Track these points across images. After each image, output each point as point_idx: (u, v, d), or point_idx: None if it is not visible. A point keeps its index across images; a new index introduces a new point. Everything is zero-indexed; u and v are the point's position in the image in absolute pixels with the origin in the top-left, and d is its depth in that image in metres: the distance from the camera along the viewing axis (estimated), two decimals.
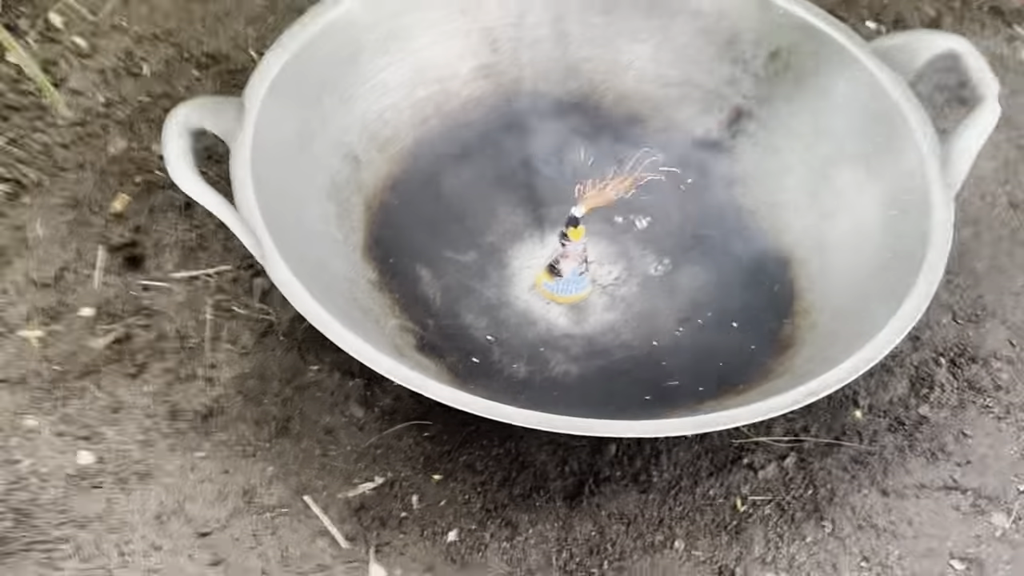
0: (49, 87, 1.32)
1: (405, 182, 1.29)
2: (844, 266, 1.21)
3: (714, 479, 1.12)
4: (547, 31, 1.35)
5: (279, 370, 1.18)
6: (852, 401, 1.18)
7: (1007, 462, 1.15)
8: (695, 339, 1.22)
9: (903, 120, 1.22)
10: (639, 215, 1.31)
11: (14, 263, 1.24)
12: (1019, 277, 1.29)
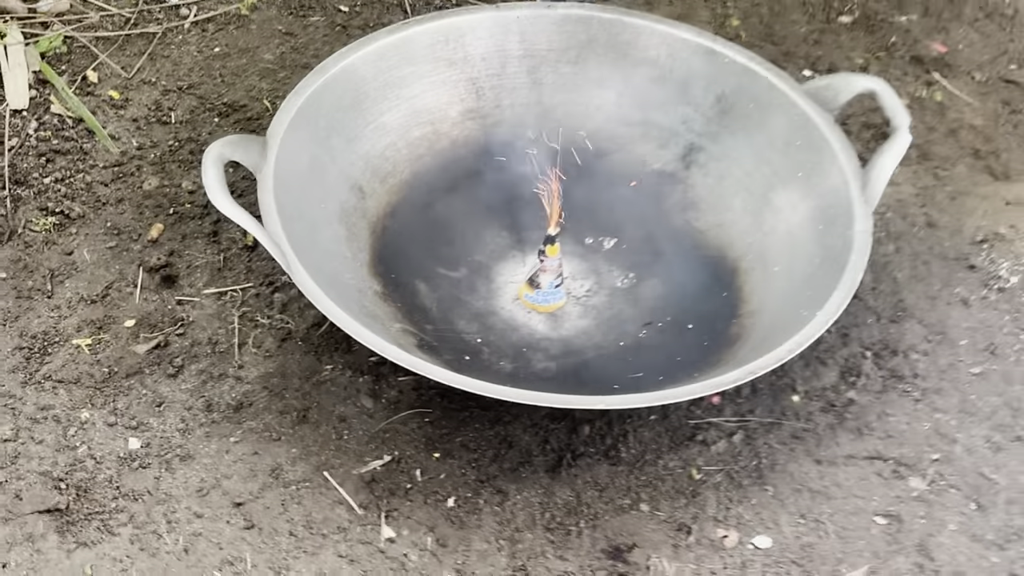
0: (99, 127, 1.52)
1: (404, 209, 1.49)
2: (782, 273, 1.41)
3: (673, 453, 1.31)
4: (524, 80, 1.56)
5: (298, 369, 1.37)
6: (791, 388, 1.38)
7: (922, 436, 1.34)
8: (656, 339, 1.42)
9: (829, 148, 1.43)
10: (607, 237, 1.52)
11: (65, 283, 1.43)
12: (935, 284, 1.50)
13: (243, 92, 1.66)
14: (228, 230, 1.49)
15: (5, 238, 1.46)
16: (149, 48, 1.70)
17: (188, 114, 1.63)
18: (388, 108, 1.50)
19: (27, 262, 1.44)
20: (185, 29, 1.74)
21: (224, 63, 1.70)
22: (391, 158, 1.51)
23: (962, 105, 1.72)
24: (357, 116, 1.47)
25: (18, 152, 1.55)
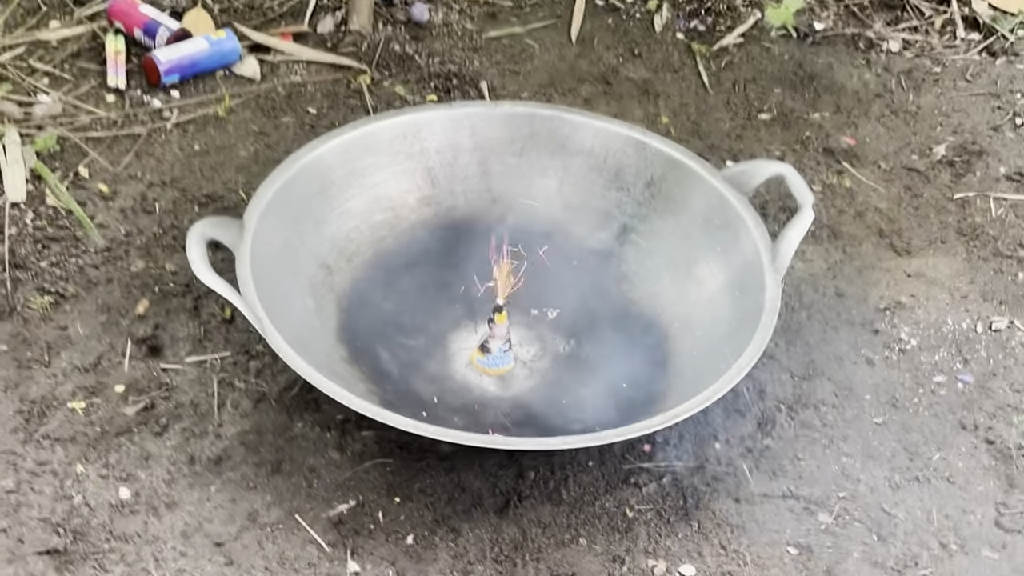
0: (87, 220, 1.69)
1: (367, 284, 1.66)
2: (704, 335, 1.59)
3: (609, 495, 1.47)
4: (475, 169, 1.75)
5: (272, 427, 1.52)
6: (713, 437, 1.54)
7: (829, 477, 1.51)
8: (594, 396, 1.58)
9: (744, 225, 1.62)
10: (550, 308, 1.69)
11: (61, 354, 1.58)
12: (843, 346, 1.68)
13: (221, 185, 1.84)
14: (208, 305, 1.66)
15: (5, 315, 1.62)
16: (135, 147, 1.88)
17: (171, 205, 1.80)
18: (353, 195, 1.68)
19: (26, 336, 1.60)
20: (168, 130, 1.92)
21: (203, 159, 1.88)
22: (355, 239, 1.68)
23: (869, 190, 1.92)
24: (324, 202, 1.65)
25: (16, 239, 1.71)
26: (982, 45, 2.25)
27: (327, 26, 2.14)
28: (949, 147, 2.01)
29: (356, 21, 2.10)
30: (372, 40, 2.10)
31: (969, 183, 1.96)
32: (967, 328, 1.72)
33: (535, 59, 2.13)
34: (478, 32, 2.18)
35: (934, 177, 1.96)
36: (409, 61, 2.09)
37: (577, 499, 1.47)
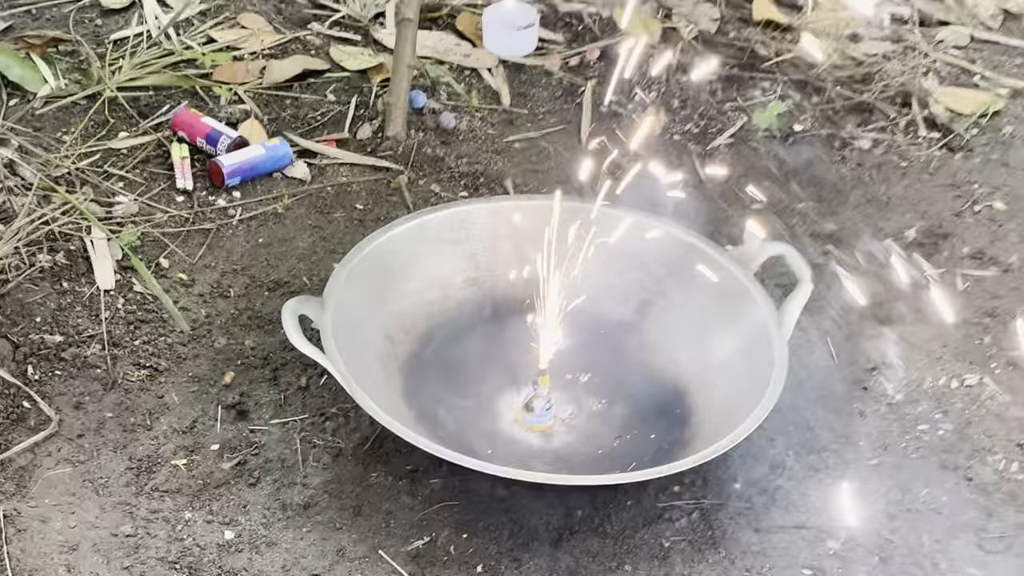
0: (174, 308, 1.93)
1: (424, 354, 1.91)
2: (720, 392, 1.84)
3: (647, 528, 1.71)
4: (511, 254, 2.00)
5: (350, 477, 1.75)
6: (733, 479, 1.78)
7: (835, 510, 1.75)
8: (626, 446, 1.83)
9: (751, 298, 1.88)
10: (583, 372, 1.94)
11: (160, 419, 1.81)
12: (837, 401, 1.93)
13: (285, 271, 2.09)
14: (285, 375, 1.89)
15: (109, 387, 1.84)
16: (207, 240, 2.13)
17: (243, 290, 2.04)
18: (409, 277, 1.94)
19: (128, 404, 1.83)
20: (234, 225, 2.17)
21: (268, 250, 2.13)
22: (412, 315, 1.93)
23: (851, 268, 2.19)
24: (386, 283, 1.91)
25: (111, 322, 1.94)
26: (942, 142, 2.54)
27: (366, 132, 2.40)
28: (918, 231, 2.29)
29: (392, 128, 2.37)
30: (407, 145, 2.37)
31: (937, 262, 2.23)
32: (943, 384, 1.98)
33: (551, 159, 2.40)
34: (499, 137, 2.45)
35: (906, 255, 2.23)
36: (440, 163, 2.35)
37: (620, 532, 1.70)
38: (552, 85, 2.61)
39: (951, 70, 2.77)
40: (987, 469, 1.84)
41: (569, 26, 2.77)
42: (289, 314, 1.71)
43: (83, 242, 2.07)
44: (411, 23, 2.35)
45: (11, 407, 1.80)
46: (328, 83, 2.54)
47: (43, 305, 1.96)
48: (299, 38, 2.67)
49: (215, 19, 2.69)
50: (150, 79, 2.45)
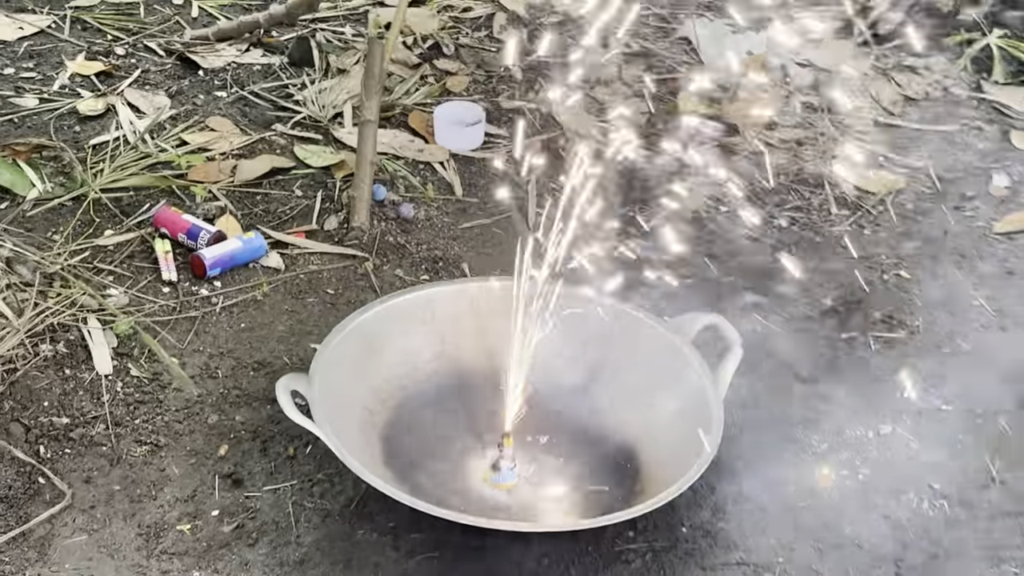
0: (184, 377, 2.13)
1: (398, 422, 2.12)
2: (665, 448, 2.07)
3: (606, 570, 1.92)
4: (473, 330, 2.23)
5: (339, 535, 1.95)
6: (680, 523, 2.01)
7: (770, 548, 1.98)
8: (583, 499, 2.05)
9: (688, 363, 2.12)
10: (542, 435, 2.16)
11: (164, 489, 2.00)
12: (769, 452, 2.16)
13: (267, 353, 2.30)
14: (274, 446, 2.09)
15: (115, 462, 2.03)
16: (194, 327, 2.33)
17: (230, 371, 2.25)
18: (382, 353, 2.15)
19: (133, 477, 2.02)
20: (217, 312, 2.38)
21: (250, 334, 2.34)
22: (387, 387, 2.15)
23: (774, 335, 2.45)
24: (363, 359, 2.12)
25: (112, 404, 2.14)
26: (851, 219, 2.83)
27: (332, 224, 2.63)
28: (834, 299, 2.56)
29: (357, 219, 2.60)
30: (371, 234, 2.60)
31: (852, 326, 2.49)
32: (862, 435, 2.23)
33: (503, 243, 2.64)
34: (454, 224, 2.69)
35: (826, 322, 2.50)
36: (402, 249, 2.59)
37: (582, 573, 1.92)
38: (499, 176, 2.86)
39: (858, 153, 3.06)
40: (902, 507, 2.08)
41: (513, 122, 3.03)
42: (282, 390, 1.92)
43: (80, 332, 2.26)
44: (372, 124, 2.60)
45: (27, 484, 1.98)
46: (295, 179, 2.77)
47: (49, 390, 2.15)
48: (264, 138, 2.90)
49: (185, 123, 2.91)
50: (130, 180, 2.67)
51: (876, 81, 3.39)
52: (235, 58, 3.19)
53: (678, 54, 3.41)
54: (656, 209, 2.77)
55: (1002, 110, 3.35)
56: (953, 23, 3.65)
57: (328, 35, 3.36)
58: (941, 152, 3.13)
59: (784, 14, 3.45)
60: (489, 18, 3.53)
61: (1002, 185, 3.01)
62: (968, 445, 2.21)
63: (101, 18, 3.37)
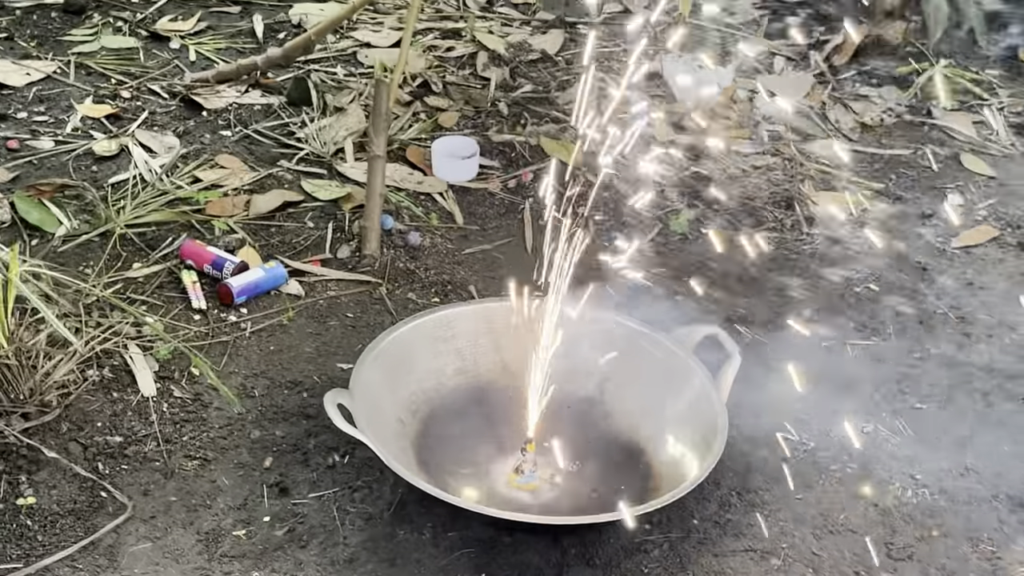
0: (231, 395, 2.30)
1: (428, 432, 2.30)
2: (673, 450, 2.27)
3: (628, 559, 2.12)
4: (490, 346, 2.42)
5: (382, 535, 2.13)
6: (691, 515, 2.21)
7: (774, 535, 2.18)
8: (601, 497, 2.24)
9: (692, 371, 2.32)
10: (560, 440, 2.35)
11: (217, 499, 2.17)
12: (764, 450, 2.37)
13: (298, 372, 2.47)
14: (314, 457, 2.27)
15: (169, 476, 2.20)
16: (227, 351, 2.50)
17: (265, 390, 2.42)
18: (410, 370, 2.34)
19: (187, 489, 2.18)
20: (247, 337, 2.55)
21: (280, 356, 2.51)
22: (415, 401, 2.33)
23: (761, 345, 2.66)
24: (392, 376, 2.30)
25: (160, 423, 2.30)
26: (822, 237, 3.05)
27: (344, 252, 2.81)
28: (812, 310, 2.78)
29: (368, 248, 2.78)
30: (381, 261, 2.78)
31: (829, 334, 2.71)
32: (847, 433, 2.44)
33: (504, 267, 2.84)
34: (458, 250, 2.89)
35: (807, 332, 2.71)
36: (412, 274, 2.78)
37: (606, 563, 2.11)
38: (496, 204, 3.06)
39: (823, 176, 3.30)
40: (888, 496, 2.30)
41: (504, 153, 3.24)
42: (330, 403, 2.09)
43: (123, 358, 2.42)
44: (380, 159, 2.79)
45: (91, 498, 2.14)
46: (305, 212, 2.96)
47: (101, 412, 2.30)
48: (272, 174, 3.08)
49: (196, 161, 3.08)
50: (152, 216, 2.83)
51: (835, 109, 3.63)
52: (236, 99, 3.36)
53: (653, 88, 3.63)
54: (643, 232, 2.97)
55: (951, 134, 3.61)
56: (903, 54, 3.91)
57: (322, 75, 3.54)
58: (898, 174, 3.37)
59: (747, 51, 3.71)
60: (472, 56, 3.74)
61: (956, 203, 3.26)
62: (943, 439, 2.43)
63: (103, 63, 3.53)
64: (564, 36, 3.90)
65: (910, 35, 3.89)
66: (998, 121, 3.63)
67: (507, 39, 3.83)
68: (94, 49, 3.60)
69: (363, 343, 2.42)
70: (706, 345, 2.42)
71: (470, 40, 3.78)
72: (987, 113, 3.67)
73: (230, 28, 3.85)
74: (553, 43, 3.83)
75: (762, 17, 4.10)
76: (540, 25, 3.96)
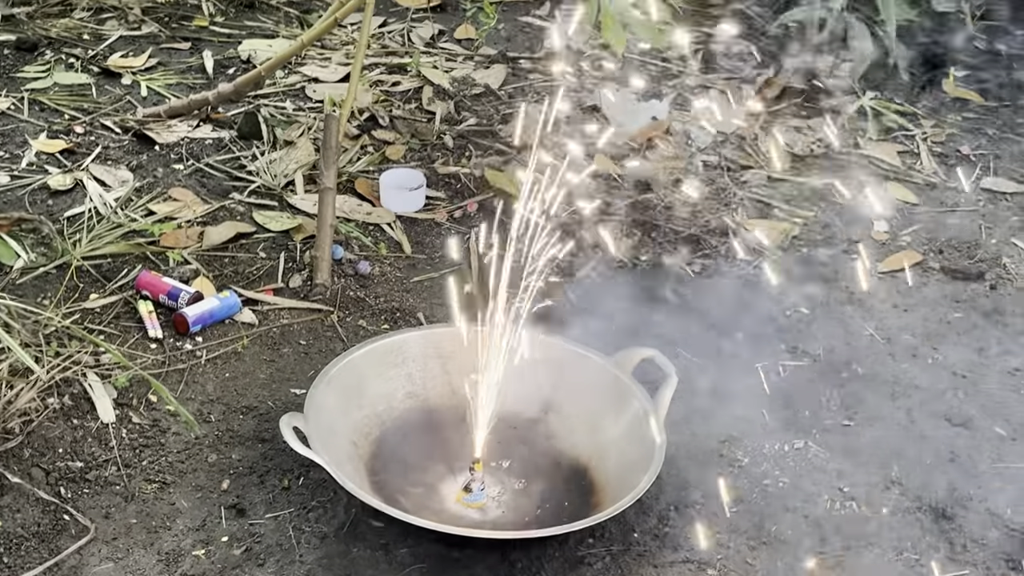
0: (192, 419, 2.38)
1: (379, 454, 2.40)
2: (614, 467, 2.38)
3: (573, 571, 2.22)
4: (439, 371, 2.53)
5: (336, 553, 2.22)
6: (632, 529, 2.32)
7: (711, 547, 2.30)
8: (546, 513, 2.35)
9: (631, 392, 2.44)
10: (505, 460, 2.46)
11: (176, 520, 2.25)
12: (699, 467, 2.49)
13: (252, 398, 2.56)
14: (270, 479, 2.36)
15: (129, 499, 2.28)
16: (183, 378, 2.59)
17: (221, 415, 2.51)
18: (362, 394, 2.44)
19: (148, 511, 2.26)
20: (203, 364, 2.64)
21: (235, 382, 2.60)
22: (368, 424, 2.43)
23: (696, 366, 2.79)
24: (346, 400, 2.40)
25: (119, 448, 2.38)
26: (755, 263, 3.20)
27: (296, 282, 2.91)
28: (745, 332, 2.91)
29: (319, 277, 2.88)
30: (332, 290, 2.88)
31: (762, 355, 2.84)
32: (778, 449, 2.57)
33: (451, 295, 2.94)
34: (406, 278, 2.99)
35: (740, 354, 2.84)
36: (363, 302, 2.88)
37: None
38: (442, 234, 3.17)
39: (755, 205, 3.45)
40: (818, 508, 2.43)
41: (450, 185, 3.35)
42: (286, 426, 2.19)
43: (82, 386, 2.50)
44: (331, 191, 2.89)
45: (54, 521, 2.21)
46: (257, 242, 3.05)
47: (62, 439, 2.38)
48: (224, 206, 3.17)
49: (149, 194, 3.17)
50: (108, 248, 2.91)
51: (766, 140, 3.79)
52: (187, 133, 3.45)
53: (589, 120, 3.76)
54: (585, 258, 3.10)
55: (877, 163, 3.77)
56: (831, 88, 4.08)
57: (272, 110, 3.64)
58: (827, 202, 3.53)
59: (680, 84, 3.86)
60: (417, 91, 3.86)
61: (882, 230, 3.42)
62: (870, 454, 2.57)
63: (56, 99, 3.61)
64: (507, 71, 4.02)
65: (836, 68, 4.06)
66: (922, 150, 3.79)
67: (451, 74, 3.95)
68: (47, 85, 3.67)
69: (316, 369, 2.51)
70: (644, 367, 2.54)
71: (415, 75, 3.89)
72: (912, 143, 3.84)
73: (180, 64, 3.94)
74: (496, 77, 3.95)
75: (696, 52, 4.26)
76: (483, 60, 4.08)
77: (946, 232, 3.42)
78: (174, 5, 4.33)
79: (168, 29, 4.15)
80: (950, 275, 3.22)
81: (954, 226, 3.44)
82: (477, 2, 4.20)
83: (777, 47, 4.06)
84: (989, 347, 2.95)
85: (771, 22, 4.04)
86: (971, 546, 2.34)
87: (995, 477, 2.53)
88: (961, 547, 2.34)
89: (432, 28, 4.30)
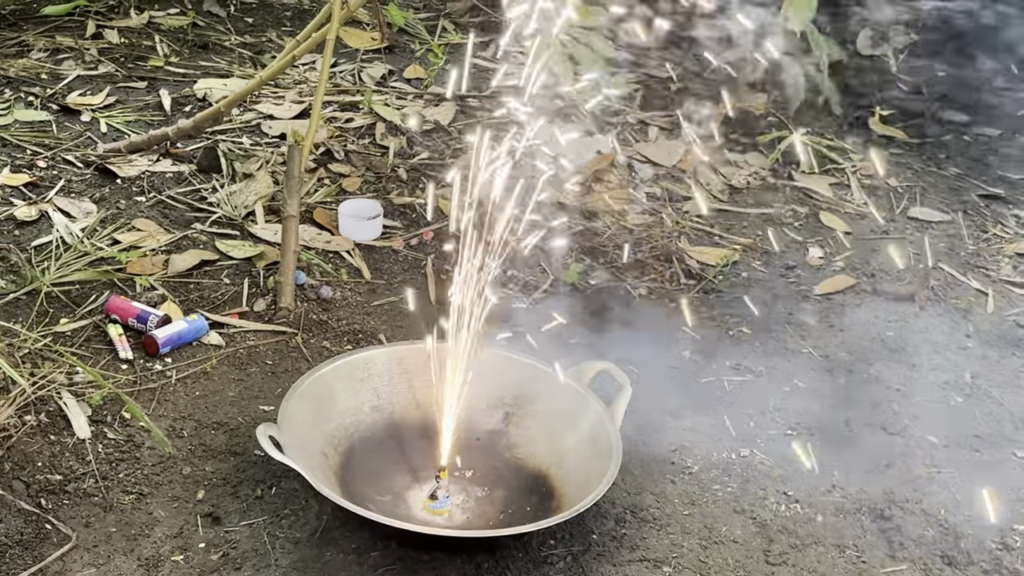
0: (164, 438, 2.47)
1: (349, 463, 2.51)
2: (572, 473, 2.51)
3: (536, 571, 2.34)
4: (404, 386, 2.65)
5: (310, 557, 2.31)
6: (591, 531, 2.45)
7: (665, 547, 2.43)
8: (509, 518, 2.47)
9: (588, 402, 2.57)
10: (468, 469, 2.58)
11: (155, 529, 2.34)
12: (654, 473, 2.62)
13: (223, 415, 2.66)
14: (243, 489, 2.45)
15: (108, 509, 2.36)
16: (155, 397, 2.68)
17: (193, 431, 2.60)
18: (331, 407, 2.55)
19: (126, 520, 2.35)
20: (173, 384, 2.73)
21: (205, 400, 2.70)
22: (337, 435, 2.53)
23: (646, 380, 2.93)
24: (316, 413, 2.51)
25: (97, 462, 2.47)
26: (698, 287, 3.35)
27: (261, 306, 3.01)
28: (692, 351, 3.06)
29: (283, 301, 2.99)
30: (296, 313, 2.99)
31: (708, 372, 2.99)
32: (726, 457, 2.71)
33: (410, 316, 3.07)
34: (367, 302, 3.11)
35: (686, 370, 2.99)
36: (325, 325, 2.99)
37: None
38: (400, 260, 3.30)
39: (697, 233, 3.61)
40: (766, 511, 2.57)
41: (405, 214, 3.48)
42: (262, 435, 2.29)
43: (58, 404, 2.58)
44: (294, 219, 3.01)
45: (36, 530, 2.29)
46: (221, 269, 3.15)
47: (40, 453, 2.46)
48: (187, 236, 3.27)
49: (114, 225, 3.26)
50: (76, 275, 3.00)
51: (705, 173, 3.96)
52: (148, 167, 3.55)
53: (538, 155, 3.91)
54: (538, 282, 3.24)
55: (810, 195, 3.97)
56: (765, 124, 4.28)
57: (230, 144, 3.76)
58: (764, 230, 3.70)
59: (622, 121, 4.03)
60: (371, 127, 3.99)
61: (817, 256, 3.60)
62: (811, 461, 2.71)
63: (18, 135, 3.70)
64: (455, 108, 4.17)
65: (771, 106, 4.26)
66: (852, 182, 3.99)
67: (403, 111, 4.09)
68: (8, 122, 3.76)
69: (283, 387, 2.62)
70: (600, 379, 2.67)
71: (368, 112, 4.03)
72: (842, 175, 4.03)
73: (138, 102, 4.04)
74: (446, 115, 4.10)
75: (637, 91, 4.44)
76: (432, 98, 4.23)
77: (877, 258, 3.60)
78: (129, 46, 4.43)
79: (124, 69, 4.25)
80: (882, 297, 3.40)
81: (884, 252, 3.63)
82: (425, 43, 4.36)
83: (715, 85, 4.25)
84: (920, 363, 3.12)
85: (708, 63, 4.24)
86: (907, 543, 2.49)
87: (929, 481, 2.69)
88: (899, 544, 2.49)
89: (383, 68, 4.45)
